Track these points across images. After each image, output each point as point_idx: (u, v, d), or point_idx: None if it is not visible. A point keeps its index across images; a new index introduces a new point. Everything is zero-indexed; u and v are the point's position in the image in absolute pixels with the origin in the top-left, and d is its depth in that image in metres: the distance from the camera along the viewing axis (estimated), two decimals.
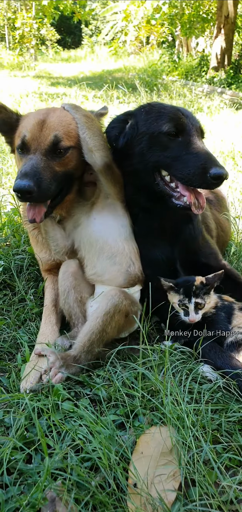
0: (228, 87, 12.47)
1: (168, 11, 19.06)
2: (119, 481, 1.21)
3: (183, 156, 1.80)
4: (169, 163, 1.84)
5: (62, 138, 1.87)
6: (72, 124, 1.94)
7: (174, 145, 1.84)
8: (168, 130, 1.83)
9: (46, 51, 27.68)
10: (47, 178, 1.79)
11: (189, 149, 1.81)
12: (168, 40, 23.66)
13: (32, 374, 1.62)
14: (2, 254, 2.46)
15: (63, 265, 1.99)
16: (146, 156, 1.89)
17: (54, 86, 12.13)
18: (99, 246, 1.92)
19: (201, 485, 1.21)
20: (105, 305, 1.71)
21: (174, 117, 1.86)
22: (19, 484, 1.21)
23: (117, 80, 12.27)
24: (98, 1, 32.68)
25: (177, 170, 1.81)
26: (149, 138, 1.88)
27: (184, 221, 2.05)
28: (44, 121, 1.90)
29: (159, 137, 1.85)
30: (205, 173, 1.72)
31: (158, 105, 1.98)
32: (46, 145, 1.85)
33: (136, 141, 1.93)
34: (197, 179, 1.75)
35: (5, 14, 20.90)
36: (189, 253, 2.06)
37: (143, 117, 1.94)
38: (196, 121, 1.94)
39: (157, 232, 2.04)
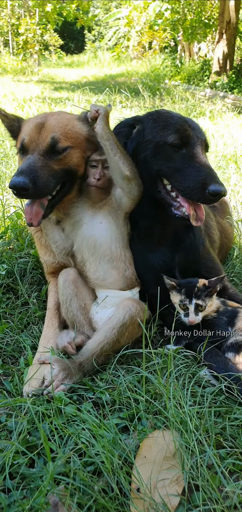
0: (230, 91, 12.49)
1: (170, 16, 19.18)
2: (123, 485, 1.20)
3: (185, 168, 1.82)
4: (170, 174, 1.87)
5: (60, 139, 1.91)
6: (69, 125, 1.99)
7: (177, 156, 1.86)
8: (172, 142, 1.85)
9: (49, 56, 27.84)
10: (45, 176, 1.83)
11: (191, 162, 1.83)
12: (170, 45, 23.75)
13: (35, 378, 1.62)
14: (6, 257, 2.46)
15: (63, 274, 1.98)
16: (149, 164, 1.92)
17: (57, 91, 12.18)
18: (103, 251, 1.92)
19: (205, 490, 1.20)
20: (122, 316, 1.72)
21: (180, 129, 1.87)
22: (21, 489, 1.21)
23: (120, 85, 12.31)
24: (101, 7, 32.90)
25: (178, 182, 1.83)
26: (154, 146, 1.90)
27: (185, 229, 2.06)
28: (42, 124, 1.95)
29: (164, 147, 1.87)
30: (204, 189, 1.74)
31: (165, 114, 1.98)
32: (44, 146, 1.89)
33: (142, 148, 1.95)
34: (196, 193, 1.77)
35: (9, 20, 21.06)
36: (190, 263, 2.06)
37: (150, 124, 1.96)
38: (202, 134, 1.95)
39: (157, 239, 2.04)
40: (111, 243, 1.92)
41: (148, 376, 1.59)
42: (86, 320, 1.89)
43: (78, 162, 1.99)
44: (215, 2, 18.40)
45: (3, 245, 2.63)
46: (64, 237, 2.05)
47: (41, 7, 19.10)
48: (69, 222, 2.03)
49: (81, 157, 2.01)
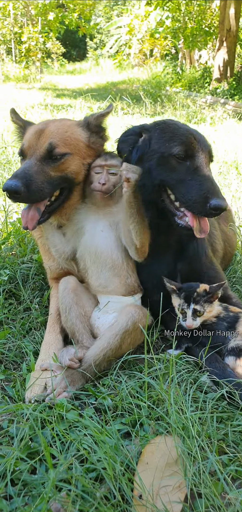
0: (231, 98, 12.55)
1: (171, 25, 19.35)
2: (125, 492, 1.19)
3: (188, 181, 1.83)
4: (174, 184, 1.88)
5: (58, 145, 1.92)
6: (69, 132, 2.00)
7: (181, 168, 1.87)
8: (177, 153, 1.86)
9: (51, 64, 28.04)
10: (39, 181, 1.84)
11: (194, 175, 1.83)
12: (171, 52, 23.92)
13: (37, 384, 1.62)
14: (8, 263, 2.47)
15: (62, 282, 1.97)
16: (154, 173, 1.93)
17: (60, 98, 12.26)
18: (104, 258, 1.92)
19: (207, 496, 1.19)
20: (125, 322, 1.71)
21: (186, 141, 1.87)
22: (23, 495, 1.20)
23: (122, 92, 12.39)
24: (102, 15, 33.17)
25: (180, 194, 1.84)
26: (159, 157, 1.91)
27: (188, 238, 2.06)
28: (42, 130, 1.97)
29: (168, 158, 1.88)
30: (206, 203, 1.75)
31: (172, 125, 1.98)
32: (41, 151, 1.91)
33: (147, 157, 1.96)
34: (198, 206, 1.78)
35: (12, 29, 21.24)
36: (192, 271, 2.06)
37: (157, 134, 1.97)
38: (207, 145, 1.96)
39: (161, 247, 2.05)
40: (112, 252, 1.92)
41: (150, 382, 1.59)
42: (85, 329, 1.87)
43: (77, 169, 1.99)
44: (215, 11, 18.56)
45: (5, 251, 2.64)
46: (65, 241, 2.05)
47: (44, 16, 19.30)
48: (72, 229, 2.03)
49: (80, 164, 2.01)
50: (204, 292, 1.82)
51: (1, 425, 1.46)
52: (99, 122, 2.13)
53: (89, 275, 1.97)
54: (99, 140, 2.13)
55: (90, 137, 2.08)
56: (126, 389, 1.59)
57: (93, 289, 1.97)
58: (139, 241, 1.84)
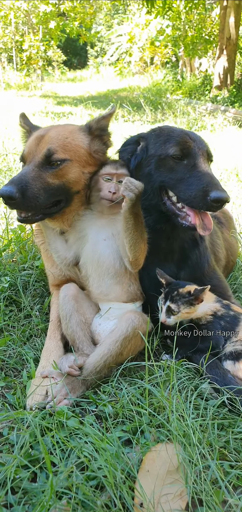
0: (231, 105, 12.61)
1: (171, 33, 19.50)
2: (125, 500, 1.19)
3: (187, 178, 1.85)
4: (173, 184, 1.90)
5: (56, 150, 1.90)
6: (70, 138, 1.98)
7: (179, 167, 1.89)
8: (174, 153, 1.89)
9: (52, 71, 28.26)
10: (35, 187, 1.83)
11: (192, 172, 1.85)
12: (172, 60, 24.07)
13: (38, 391, 1.61)
14: (9, 270, 2.47)
15: (63, 289, 1.97)
16: (153, 177, 1.95)
17: (60, 105, 12.33)
18: (106, 267, 1.92)
19: (208, 504, 1.19)
20: (125, 329, 1.70)
21: (181, 141, 1.91)
22: (23, 504, 1.19)
23: (122, 99, 12.46)
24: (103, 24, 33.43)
25: (180, 192, 1.86)
26: (157, 160, 1.95)
27: (191, 245, 2.08)
28: (42, 136, 1.96)
29: (166, 159, 1.92)
30: (206, 196, 1.75)
31: (167, 129, 2.03)
32: (40, 157, 1.90)
33: (145, 163, 2.00)
34: (198, 201, 1.78)
35: (13, 37, 21.42)
36: (195, 279, 2.06)
37: (153, 140, 2.02)
38: (203, 145, 1.98)
39: (164, 253, 2.05)
40: (115, 261, 1.93)
41: (150, 389, 1.58)
42: (86, 336, 1.86)
43: (75, 177, 1.96)
44: (215, 19, 18.71)
45: (6, 258, 2.64)
46: (67, 247, 2.05)
47: (45, 24, 19.46)
48: (74, 235, 2.03)
49: (80, 173, 1.98)
50: (187, 294, 1.82)
51: (2, 433, 1.45)
52: (101, 125, 2.11)
53: (91, 282, 1.97)
54: (101, 148, 2.09)
55: (92, 144, 2.05)
56: (127, 396, 1.59)
57: (94, 296, 1.97)
58: (132, 255, 1.85)
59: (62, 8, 19.24)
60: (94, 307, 1.99)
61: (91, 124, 2.09)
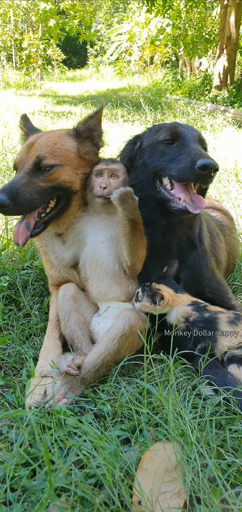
0: (231, 105, 12.61)
1: (171, 32, 19.49)
2: (124, 498, 1.20)
3: (176, 157, 1.91)
4: (165, 166, 1.95)
5: (45, 157, 1.93)
6: (59, 143, 2.01)
7: (170, 150, 1.96)
8: (164, 138, 1.98)
9: (52, 70, 28.23)
10: (27, 192, 1.87)
11: (182, 150, 1.92)
12: (172, 60, 24.07)
13: (37, 390, 1.62)
14: (8, 269, 2.48)
15: (62, 289, 1.98)
16: (147, 165, 2.03)
17: (60, 105, 12.33)
18: (104, 268, 1.94)
19: (206, 503, 1.20)
20: (122, 326, 1.71)
21: (170, 127, 2.01)
22: (22, 501, 1.20)
23: (122, 99, 12.46)
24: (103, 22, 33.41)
25: (171, 170, 1.90)
26: (150, 149, 2.04)
27: (188, 245, 2.09)
28: (32, 143, 2.00)
29: (157, 146, 2.00)
30: (193, 165, 1.79)
31: (159, 124, 2.15)
32: (30, 164, 1.94)
33: (140, 156, 2.09)
34: (187, 172, 1.81)
35: (12, 35, 21.39)
36: (194, 281, 2.08)
37: (146, 135, 2.12)
38: (194, 131, 2.04)
39: (161, 251, 2.06)
40: (114, 263, 1.94)
41: (149, 388, 1.59)
42: (85, 336, 1.87)
43: (69, 179, 1.99)
44: (215, 18, 18.71)
45: (5, 257, 2.65)
46: (64, 249, 2.06)
47: (44, 22, 19.42)
48: (72, 237, 2.04)
49: (73, 174, 2.01)
50: (155, 289, 1.85)
51: (1, 431, 1.46)
52: (89, 126, 2.11)
53: (90, 283, 1.98)
54: (92, 149, 2.11)
55: (81, 146, 2.07)
56: (126, 395, 1.60)
57: (93, 297, 1.98)
58: (129, 260, 1.88)
59: (62, 6, 19.22)
60: (93, 307, 2.00)
61: (79, 127, 2.11)
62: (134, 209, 1.79)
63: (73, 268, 2.10)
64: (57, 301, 1.96)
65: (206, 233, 2.25)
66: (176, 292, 1.89)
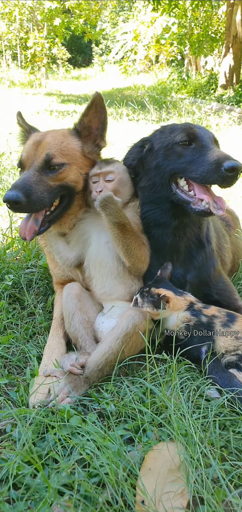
0: (237, 104, 12.56)
1: (177, 31, 19.43)
2: (127, 497, 1.20)
3: (197, 158, 1.86)
4: (184, 168, 1.90)
5: (55, 155, 1.95)
6: (65, 142, 2.02)
7: (187, 152, 1.90)
8: (181, 139, 1.92)
9: (57, 69, 28.25)
10: (39, 190, 1.87)
11: (202, 151, 1.87)
12: (177, 59, 24.03)
13: (40, 390, 1.63)
14: (12, 268, 2.48)
15: (66, 288, 1.98)
16: (162, 167, 1.97)
17: (65, 104, 12.34)
18: (109, 268, 1.95)
19: (210, 503, 1.19)
20: (126, 325, 1.70)
21: (186, 128, 1.95)
22: (26, 499, 1.20)
23: (127, 98, 12.45)
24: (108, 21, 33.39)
25: (192, 172, 1.86)
26: (164, 151, 1.97)
27: (197, 246, 2.08)
28: (40, 141, 2.00)
29: (173, 147, 1.94)
30: (219, 167, 1.75)
31: (170, 125, 2.08)
32: (39, 162, 1.94)
33: (153, 157, 2.02)
34: (212, 174, 1.78)
35: (17, 34, 21.44)
36: (201, 283, 2.07)
37: (157, 137, 2.05)
38: (208, 132, 2.00)
39: (169, 252, 2.05)
40: (118, 263, 1.94)
41: (152, 388, 1.59)
42: (89, 335, 1.87)
43: (75, 178, 2.01)
44: (221, 17, 18.63)
45: (10, 256, 2.65)
46: (69, 249, 2.07)
47: (50, 21, 19.44)
48: (77, 238, 2.06)
49: (79, 174, 2.03)
50: (156, 295, 1.82)
51: (5, 429, 1.46)
52: (84, 124, 2.11)
53: (94, 283, 1.99)
54: (95, 150, 2.13)
55: (85, 146, 2.09)
56: (129, 395, 1.60)
57: (98, 296, 1.99)
58: (127, 261, 1.89)
59: (67, 5, 19.22)
60: (98, 306, 2.00)
61: (77, 127, 2.12)
62: (117, 212, 1.81)
63: (77, 268, 2.11)
64: (62, 300, 1.96)
65: (213, 233, 2.23)
66: (175, 294, 1.89)
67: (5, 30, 20.72)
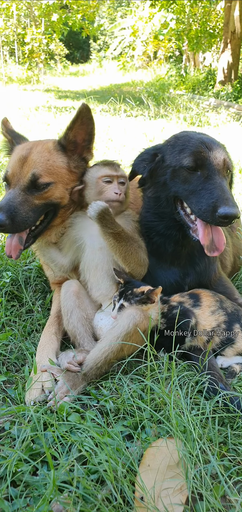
0: (235, 100, 12.55)
1: (175, 26, 19.36)
2: (126, 494, 1.20)
3: (199, 190, 1.82)
4: (186, 195, 1.88)
5: (41, 175, 1.93)
6: (51, 160, 1.99)
7: (192, 179, 1.86)
8: (187, 165, 1.86)
9: (55, 65, 28.14)
10: (23, 211, 1.88)
11: (205, 184, 1.82)
12: (175, 54, 23.96)
13: (35, 385, 1.63)
14: (10, 265, 2.48)
15: (64, 286, 1.98)
16: (168, 186, 1.95)
17: (63, 100, 12.29)
18: (105, 271, 1.97)
19: (208, 499, 1.20)
20: (127, 325, 1.70)
21: (195, 151, 1.87)
22: (25, 497, 1.20)
23: (125, 94, 12.40)
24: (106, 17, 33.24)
25: (192, 204, 1.84)
26: (172, 171, 1.93)
27: (200, 253, 2.06)
28: (25, 157, 1.97)
29: (180, 170, 1.90)
30: (214, 212, 1.73)
31: (183, 138, 1.98)
32: (25, 181, 1.93)
33: (162, 172, 1.99)
34: (208, 215, 1.76)
35: (15, 30, 21.30)
36: (201, 286, 2.06)
37: (169, 150, 1.99)
38: (220, 154, 1.90)
39: (169, 258, 2.05)
40: (114, 265, 1.95)
41: (151, 386, 1.59)
42: (87, 332, 1.87)
43: (61, 195, 2.01)
44: (220, 13, 18.57)
45: None
46: (62, 256, 2.09)
47: (47, 17, 19.33)
48: (70, 246, 2.07)
49: (64, 190, 2.02)
50: (140, 293, 1.82)
51: (3, 427, 1.46)
52: (70, 139, 2.06)
53: (89, 286, 2.00)
54: (80, 163, 2.09)
55: (71, 161, 2.06)
56: (128, 392, 1.60)
57: (95, 298, 2.00)
58: (126, 267, 1.92)
59: (65, 1, 19.12)
60: (96, 304, 2.00)
61: (62, 141, 2.06)
62: (112, 223, 1.82)
63: (72, 271, 2.12)
64: (60, 298, 1.96)
65: None
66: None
67: (3, 26, 20.55)
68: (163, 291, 1.90)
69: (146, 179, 2.07)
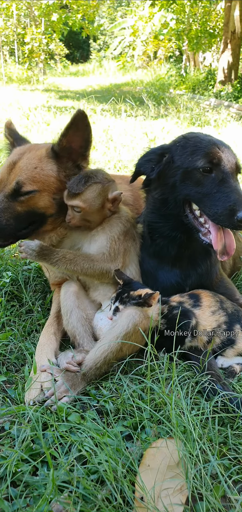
0: (235, 100, 12.55)
1: (175, 26, 19.36)
2: (126, 494, 1.20)
3: (214, 193, 1.78)
4: (199, 199, 1.83)
5: (24, 183, 1.91)
6: (39, 167, 1.94)
7: (206, 181, 1.82)
8: (202, 166, 1.81)
9: (55, 65, 28.15)
10: (4, 219, 1.90)
11: (220, 187, 1.78)
12: (175, 54, 23.95)
13: (34, 385, 1.62)
14: (10, 265, 2.48)
15: (64, 286, 1.98)
16: (178, 189, 1.89)
17: (63, 100, 12.28)
18: None
19: (208, 499, 1.20)
20: (126, 325, 1.69)
21: (209, 153, 1.83)
22: (25, 497, 1.20)
23: (125, 94, 12.40)
24: (106, 17, 33.23)
25: (206, 207, 1.80)
26: (183, 172, 1.87)
27: (203, 255, 2.06)
28: (15, 163, 1.96)
29: (193, 172, 1.84)
30: (233, 215, 1.70)
31: (193, 139, 1.93)
32: (9, 189, 1.93)
33: (171, 173, 1.92)
34: (224, 219, 1.73)
35: (15, 30, 21.30)
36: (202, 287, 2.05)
37: (179, 151, 1.92)
38: (232, 156, 1.89)
39: (172, 260, 2.04)
40: None
41: (152, 386, 1.59)
42: (87, 332, 1.87)
43: (45, 205, 1.96)
44: (220, 12, 18.57)
45: (8, 253, 2.65)
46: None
47: (47, 17, 19.34)
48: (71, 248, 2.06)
49: (50, 199, 1.96)
50: (137, 297, 1.80)
51: (3, 427, 1.46)
52: (64, 145, 1.97)
53: (87, 287, 2.02)
54: (74, 171, 2.00)
55: (61, 170, 1.97)
56: (128, 392, 1.59)
57: (93, 298, 2.01)
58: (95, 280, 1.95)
59: (65, 1, 19.12)
60: (96, 304, 2.00)
61: (55, 148, 1.98)
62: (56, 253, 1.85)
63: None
64: (60, 298, 1.96)
65: None
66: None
67: (3, 26, 20.55)
68: (163, 292, 1.90)
69: (152, 180, 2.01)
